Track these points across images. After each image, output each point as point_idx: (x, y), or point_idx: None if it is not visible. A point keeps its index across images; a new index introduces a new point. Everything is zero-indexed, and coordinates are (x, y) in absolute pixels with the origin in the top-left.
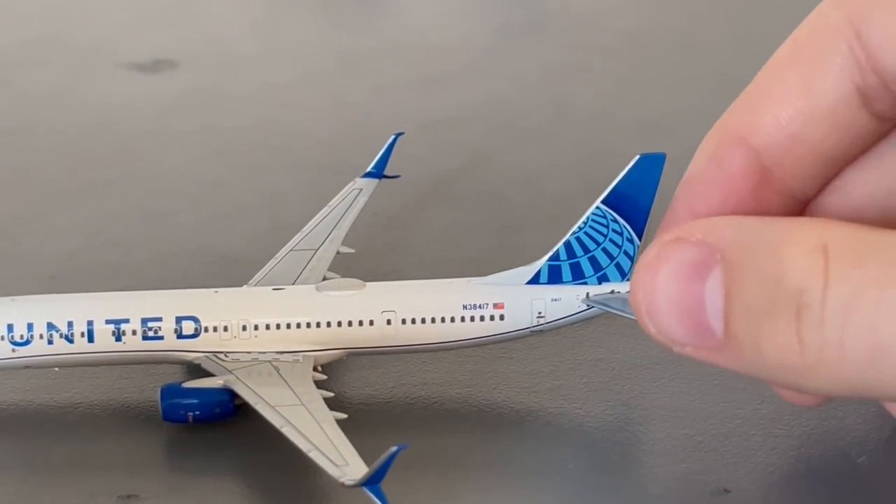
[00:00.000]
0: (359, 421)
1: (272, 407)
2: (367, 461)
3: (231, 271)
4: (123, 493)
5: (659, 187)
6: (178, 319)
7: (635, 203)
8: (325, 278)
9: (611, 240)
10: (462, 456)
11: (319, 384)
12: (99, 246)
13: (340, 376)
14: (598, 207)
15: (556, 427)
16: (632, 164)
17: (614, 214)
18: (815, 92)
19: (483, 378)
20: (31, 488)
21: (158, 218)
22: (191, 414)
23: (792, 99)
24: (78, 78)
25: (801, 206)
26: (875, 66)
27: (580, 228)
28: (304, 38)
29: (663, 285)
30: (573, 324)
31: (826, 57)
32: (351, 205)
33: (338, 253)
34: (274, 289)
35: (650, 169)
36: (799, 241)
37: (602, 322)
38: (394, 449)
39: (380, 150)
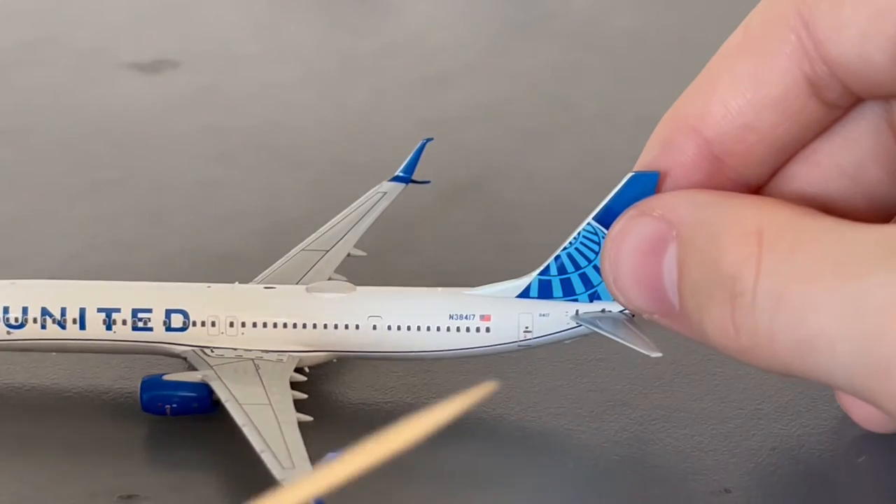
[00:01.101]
0: (359, 421)
1: (240, 405)
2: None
3: (231, 271)
4: (123, 493)
5: None
6: (168, 312)
7: None
8: (330, 280)
9: None
10: (462, 456)
11: (296, 386)
12: (99, 246)
13: (340, 376)
14: (589, 224)
15: (556, 427)
16: (624, 181)
17: (606, 232)
18: (765, 82)
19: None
20: (31, 489)
21: (158, 218)
22: (168, 406)
23: (742, 89)
24: (78, 78)
25: (753, 192)
26: (823, 57)
27: (571, 244)
28: (305, 38)
29: (626, 257)
30: (562, 341)
31: (775, 47)
32: (372, 208)
33: (349, 255)
34: (265, 287)
35: (643, 187)
36: (738, 225)
37: None
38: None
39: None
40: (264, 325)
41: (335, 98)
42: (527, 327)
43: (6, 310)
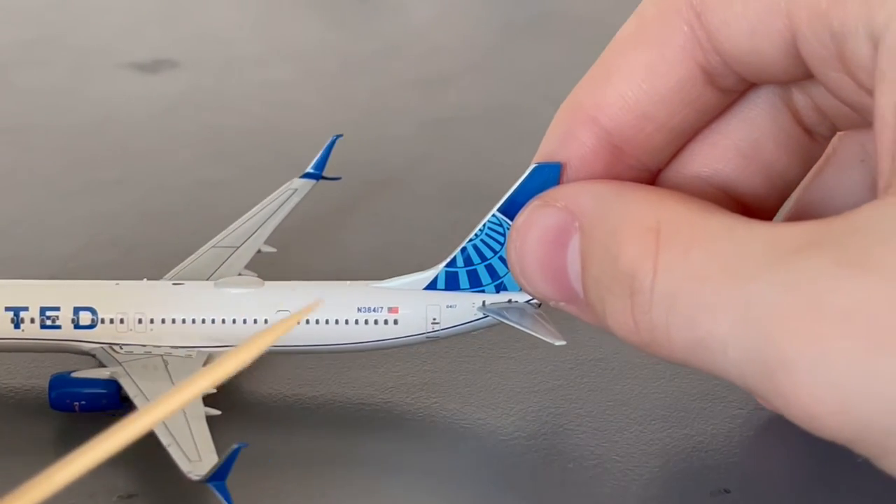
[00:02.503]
0: (359, 421)
1: (148, 401)
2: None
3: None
4: (123, 493)
5: None
6: (76, 310)
7: None
8: (240, 275)
9: None
10: (461, 456)
11: None
12: (99, 246)
13: (339, 376)
14: (494, 216)
15: (557, 427)
16: (527, 173)
17: (510, 223)
18: (660, 73)
19: (483, 378)
20: None
21: (158, 218)
22: (76, 403)
23: (638, 80)
24: (78, 78)
25: (653, 176)
26: (715, 48)
27: (476, 236)
28: (304, 38)
29: (531, 248)
30: (470, 332)
31: (669, 37)
32: (282, 205)
33: (259, 252)
34: (173, 283)
35: (546, 178)
36: (636, 220)
37: None
38: (235, 447)
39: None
40: (173, 321)
41: (335, 98)
42: (434, 319)
43: None
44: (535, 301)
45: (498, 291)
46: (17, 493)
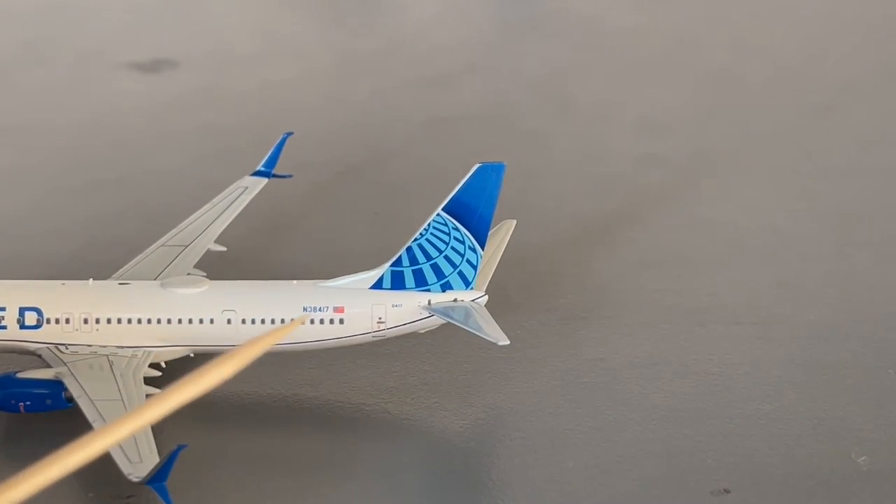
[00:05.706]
0: (360, 422)
1: (91, 401)
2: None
3: (230, 270)
4: (123, 493)
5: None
6: (22, 310)
7: (475, 212)
8: (189, 275)
9: (453, 248)
10: (462, 456)
11: (151, 381)
12: (99, 246)
13: (341, 376)
14: (438, 215)
15: (556, 427)
16: (471, 173)
17: (455, 223)
18: None
19: (483, 378)
20: None
21: (158, 218)
22: (22, 404)
23: None
24: (78, 78)
25: None
26: None
27: (421, 235)
28: (305, 37)
29: None
30: (416, 331)
31: None
32: (233, 203)
33: (208, 251)
34: (119, 283)
35: (490, 178)
36: None
37: (602, 322)
38: (175, 448)
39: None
40: (119, 320)
41: (335, 98)
42: (380, 318)
43: None
44: (480, 299)
45: (444, 290)
46: None
